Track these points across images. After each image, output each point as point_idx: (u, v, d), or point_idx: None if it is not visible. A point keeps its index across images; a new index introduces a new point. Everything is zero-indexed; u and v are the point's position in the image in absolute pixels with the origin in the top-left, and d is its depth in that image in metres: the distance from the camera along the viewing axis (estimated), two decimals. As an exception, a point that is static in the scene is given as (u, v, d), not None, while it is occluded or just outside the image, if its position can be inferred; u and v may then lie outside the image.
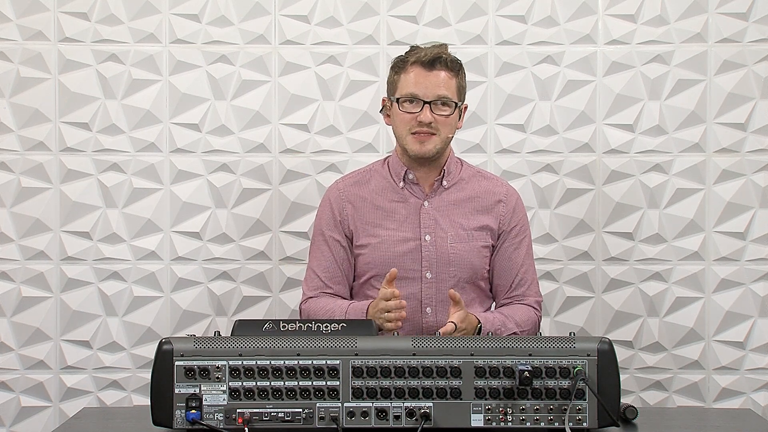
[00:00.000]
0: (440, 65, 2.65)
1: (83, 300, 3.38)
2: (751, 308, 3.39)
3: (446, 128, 2.67)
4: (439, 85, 2.64)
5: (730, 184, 3.39)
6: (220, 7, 3.39)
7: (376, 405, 2.07)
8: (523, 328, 2.68)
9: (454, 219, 2.72)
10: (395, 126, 2.71)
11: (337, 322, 2.15)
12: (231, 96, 3.39)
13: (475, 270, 2.71)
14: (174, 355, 2.07)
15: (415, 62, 2.66)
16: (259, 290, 3.41)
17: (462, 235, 2.71)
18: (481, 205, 2.75)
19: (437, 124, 2.64)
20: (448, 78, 2.66)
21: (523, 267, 2.76)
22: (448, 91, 2.65)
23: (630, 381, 3.40)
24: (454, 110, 2.67)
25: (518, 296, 2.75)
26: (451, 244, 2.70)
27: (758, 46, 3.38)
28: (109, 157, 3.38)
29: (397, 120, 2.68)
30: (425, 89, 2.63)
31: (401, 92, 2.66)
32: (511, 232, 2.76)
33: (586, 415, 2.07)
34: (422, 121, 2.63)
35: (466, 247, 2.71)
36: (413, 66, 2.66)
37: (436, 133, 2.65)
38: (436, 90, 2.64)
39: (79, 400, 3.37)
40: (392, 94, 2.70)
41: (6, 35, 3.36)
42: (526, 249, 2.77)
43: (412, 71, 2.65)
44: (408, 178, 2.74)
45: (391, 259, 2.69)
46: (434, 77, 2.64)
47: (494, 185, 2.80)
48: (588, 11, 3.40)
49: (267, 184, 3.41)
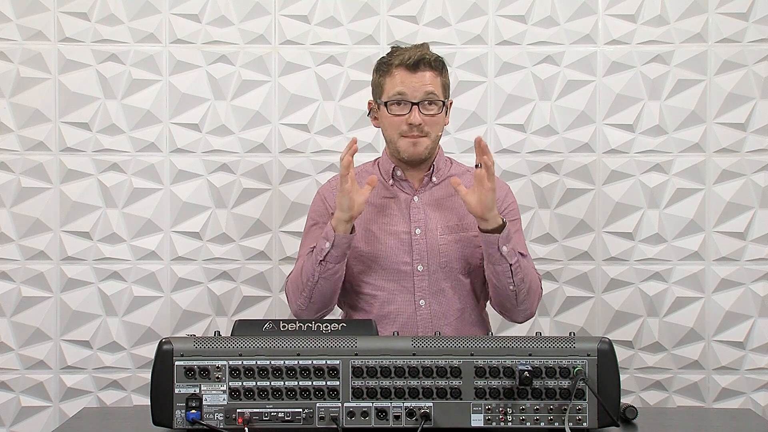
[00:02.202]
0: (424, 66, 2.66)
1: (83, 300, 3.38)
2: (751, 308, 3.39)
3: (435, 128, 2.69)
4: (425, 84, 2.65)
5: (730, 184, 3.39)
6: (220, 7, 3.39)
7: (376, 405, 2.07)
8: (529, 271, 2.64)
9: (444, 212, 2.73)
10: (385, 129, 2.72)
11: (337, 322, 2.15)
12: (231, 96, 3.39)
13: (466, 261, 2.72)
14: (174, 355, 2.07)
15: (399, 65, 2.66)
16: (259, 290, 3.41)
17: (452, 227, 2.72)
18: None
19: (425, 125, 2.66)
20: (433, 77, 2.67)
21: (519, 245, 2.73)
22: (435, 88, 2.66)
23: (630, 381, 3.40)
24: (441, 108, 2.68)
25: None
26: (441, 236, 2.71)
27: (758, 46, 3.38)
28: (109, 157, 3.39)
29: (386, 123, 2.70)
30: (412, 90, 2.64)
31: (388, 95, 2.67)
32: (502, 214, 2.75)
33: (586, 415, 2.07)
34: (412, 123, 2.64)
35: (456, 238, 2.71)
36: (398, 68, 2.66)
37: (426, 135, 2.67)
38: (423, 89, 2.65)
39: (79, 400, 3.37)
40: (378, 97, 2.71)
41: (6, 35, 3.36)
42: (517, 229, 2.76)
43: (397, 74, 2.66)
44: (396, 174, 2.75)
45: (382, 252, 2.70)
46: (419, 78, 2.65)
47: None
48: (588, 11, 3.40)
49: (267, 184, 3.41)
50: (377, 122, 2.75)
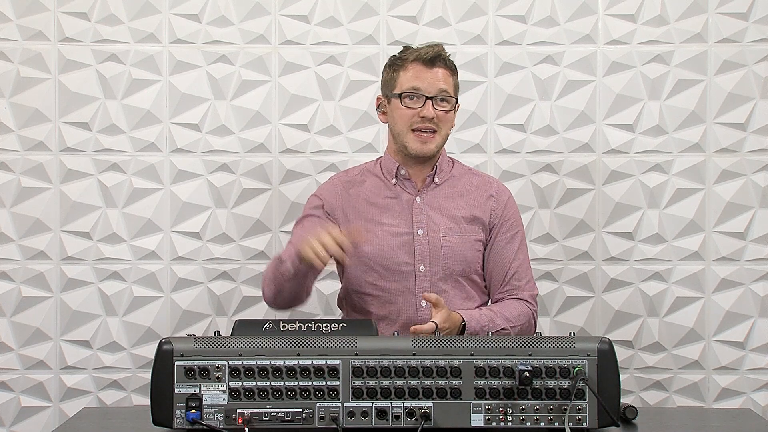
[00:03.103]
0: (440, 63, 2.69)
1: (83, 300, 3.38)
2: (751, 308, 3.39)
3: (446, 125, 2.71)
4: (440, 81, 2.68)
5: (730, 184, 3.39)
6: (220, 7, 3.39)
7: (376, 405, 2.07)
8: (515, 324, 2.67)
9: (446, 213, 2.74)
10: (394, 123, 2.72)
11: (337, 322, 2.15)
12: (231, 96, 3.39)
13: (468, 263, 2.72)
14: (174, 355, 2.07)
15: (415, 60, 2.69)
16: (259, 290, 3.40)
17: (454, 228, 2.73)
18: (472, 200, 2.77)
19: (438, 120, 2.67)
20: (447, 75, 2.70)
21: (516, 261, 2.76)
22: (448, 87, 2.69)
23: (630, 381, 3.40)
24: (453, 107, 2.70)
25: (511, 290, 2.75)
26: (444, 237, 2.71)
27: (758, 46, 3.38)
28: (109, 157, 3.38)
29: (397, 116, 2.69)
30: (427, 84, 2.66)
31: (402, 87, 2.68)
32: (503, 227, 2.76)
33: (586, 415, 2.07)
34: (425, 116, 2.65)
35: (458, 240, 2.72)
36: (413, 63, 2.69)
37: (437, 130, 2.68)
38: (438, 85, 2.67)
39: (79, 400, 3.37)
40: (390, 91, 2.71)
41: (6, 35, 3.36)
42: (518, 244, 2.77)
43: (412, 68, 2.68)
44: (400, 173, 2.75)
45: (384, 253, 2.70)
46: (434, 74, 2.68)
47: (485, 182, 2.82)
48: (588, 11, 3.40)
49: (267, 184, 3.41)
50: (385, 117, 2.76)
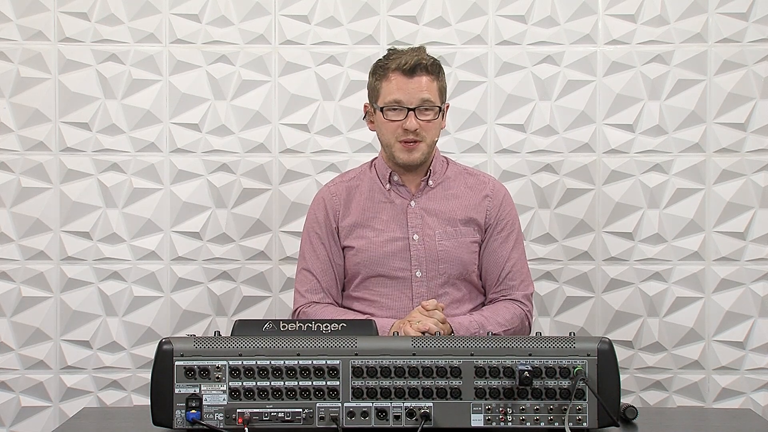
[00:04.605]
0: (420, 70, 2.65)
1: (83, 300, 3.38)
2: (751, 308, 3.39)
3: (431, 133, 2.68)
4: (422, 90, 2.64)
5: (730, 184, 3.39)
6: (220, 7, 3.39)
7: (376, 405, 2.07)
8: (507, 327, 2.66)
9: (441, 217, 2.73)
10: (381, 134, 2.72)
11: (337, 322, 2.15)
12: (231, 96, 3.39)
13: (464, 266, 2.72)
14: (174, 355, 2.07)
15: (395, 69, 2.65)
16: (259, 290, 3.41)
17: (450, 232, 2.72)
18: (467, 201, 2.76)
19: (422, 130, 2.65)
20: (429, 82, 2.66)
21: (510, 261, 2.75)
22: (431, 95, 2.66)
23: (630, 381, 3.40)
24: (438, 114, 2.68)
25: (506, 290, 2.74)
26: (440, 242, 2.71)
27: (758, 46, 3.38)
28: (109, 157, 3.39)
29: (383, 128, 2.70)
30: (408, 95, 2.64)
31: (384, 100, 2.67)
32: (497, 226, 2.76)
33: (586, 415, 2.07)
34: (408, 129, 2.64)
35: (454, 243, 2.71)
36: (394, 73, 2.65)
37: (422, 140, 2.67)
38: (419, 95, 2.64)
39: (79, 400, 3.37)
40: (374, 101, 2.71)
41: (6, 35, 3.36)
42: (513, 243, 2.76)
43: (393, 78, 2.65)
44: (393, 179, 2.75)
45: (380, 259, 2.70)
46: (416, 83, 2.64)
47: (480, 181, 2.81)
48: (588, 11, 3.40)
49: (267, 184, 3.41)
50: (373, 126, 2.75)
